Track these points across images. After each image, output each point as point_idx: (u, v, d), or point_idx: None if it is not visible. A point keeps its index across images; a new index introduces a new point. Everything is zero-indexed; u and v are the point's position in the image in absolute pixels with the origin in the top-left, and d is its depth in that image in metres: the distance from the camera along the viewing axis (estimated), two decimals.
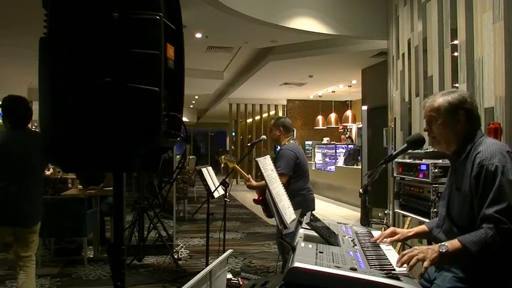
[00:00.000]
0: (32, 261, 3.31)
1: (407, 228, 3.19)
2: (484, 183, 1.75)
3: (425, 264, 1.68)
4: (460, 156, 1.93)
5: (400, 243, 3.47)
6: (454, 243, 1.72)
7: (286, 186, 3.72)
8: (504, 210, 1.67)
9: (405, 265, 1.64)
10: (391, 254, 1.81)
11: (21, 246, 3.26)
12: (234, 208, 9.88)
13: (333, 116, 12.52)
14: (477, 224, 1.75)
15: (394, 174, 3.63)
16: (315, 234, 1.87)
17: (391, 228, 2.08)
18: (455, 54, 3.86)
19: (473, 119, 1.92)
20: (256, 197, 4.14)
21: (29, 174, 3.22)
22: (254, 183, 4.05)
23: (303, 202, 3.74)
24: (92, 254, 5.36)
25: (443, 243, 1.73)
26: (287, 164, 3.81)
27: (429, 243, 2.89)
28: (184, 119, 1.76)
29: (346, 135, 12.90)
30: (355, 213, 8.66)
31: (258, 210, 4.16)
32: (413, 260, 1.64)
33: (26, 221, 3.25)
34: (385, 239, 1.99)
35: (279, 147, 4.07)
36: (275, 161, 3.86)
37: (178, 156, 6.39)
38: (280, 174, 3.74)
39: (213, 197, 4.33)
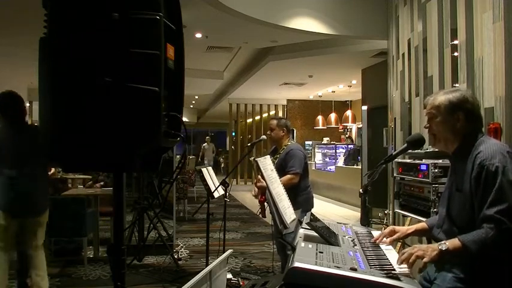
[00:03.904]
0: (41, 249, 3.52)
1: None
2: (484, 184, 1.74)
3: (425, 259, 1.68)
4: (460, 156, 1.93)
5: (400, 242, 3.48)
6: (454, 242, 1.72)
7: (297, 184, 3.89)
8: (505, 211, 1.67)
9: (405, 263, 1.64)
10: (391, 254, 1.81)
11: (29, 238, 3.46)
12: (234, 208, 9.88)
13: (333, 116, 12.52)
14: (477, 225, 1.75)
15: (394, 174, 3.63)
16: (315, 234, 1.87)
17: (391, 227, 2.08)
18: (455, 54, 3.86)
19: (473, 119, 1.92)
20: (261, 198, 4.14)
21: (34, 165, 3.40)
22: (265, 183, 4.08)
23: (308, 199, 3.99)
24: (92, 254, 5.36)
25: (443, 242, 1.73)
26: (300, 164, 3.93)
27: (429, 242, 2.89)
28: (184, 119, 1.76)
29: (346, 135, 12.90)
30: (355, 213, 8.66)
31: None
32: (413, 257, 1.65)
33: (36, 210, 3.46)
34: (385, 239, 1.99)
35: (286, 147, 4.06)
36: (285, 160, 3.94)
37: (178, 156, 6.39)
38: (295, 174, 3.87)
39: (213, 197, 4.33)
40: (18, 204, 3.34)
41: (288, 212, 2.13)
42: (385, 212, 5.43)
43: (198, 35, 7.18)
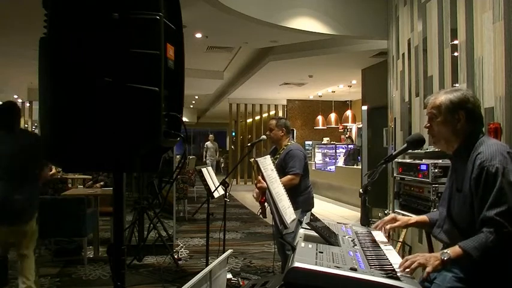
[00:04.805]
0: (28, 258, 3.44)
1: (407, 229, 3.20)
2: (484, 185, 1.74)
3: (428, 269, 1.68)
4: (460, 156, 1.93)
5: (400, 243, 3.48)
6: (455, 250, 1.72)
7: (298, 184, 3.87)
8: (504, 213, 1.67)
9: (407, 269, 1.64)
10: (391, 254, 1.81)
11: (18, 244, 3.40)
12: (234, 208, 9.88)
13: (333, 116, 12.51)
14: (477, 226, 1.75)
15: (394, 174, 3.63)
16: (315, 234, 1.87)
17: (392, 215, 2.09)
18: (455, 54, 3.86)
19: (474, 119, 1.91)
20: (261, 199, 4.13)
21: (20, 172, 3.32)
22: (265, 184, 4.08)
23: (308, 200, 3.99)
24: (92, 254, 5.36)
25: (445, 251, 1.73)
26: (300, 164, 3.92)
27: (428, 238, 2.90)
28: (184, 119, 1.76)
29: (346, 135, 12.89)
30: (355, 213, 8.66)
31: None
32: (415, 264, 1.64)
33: (20, 219, 3.35)
34: (385, 225, 2.01)
35: (286, 148, 4.06)
36: (285, 161, 3.93)
37: (178, 156, 6.39)
38: (295, 174, 3.86)
39: (213, 197, 4.33)
40: (2, 212, 3.26)
41: (288, 212, 2.12)
42: (385, 212, 5.42)
43: (198, 35, 7.18)
